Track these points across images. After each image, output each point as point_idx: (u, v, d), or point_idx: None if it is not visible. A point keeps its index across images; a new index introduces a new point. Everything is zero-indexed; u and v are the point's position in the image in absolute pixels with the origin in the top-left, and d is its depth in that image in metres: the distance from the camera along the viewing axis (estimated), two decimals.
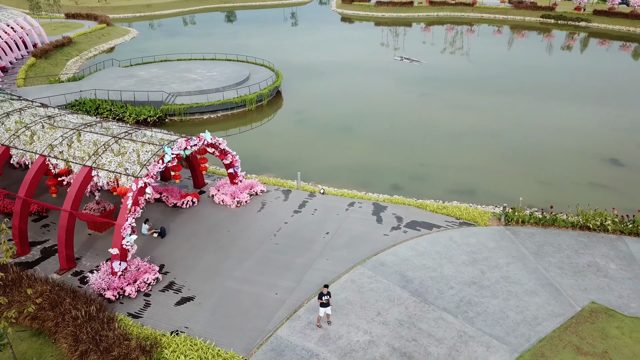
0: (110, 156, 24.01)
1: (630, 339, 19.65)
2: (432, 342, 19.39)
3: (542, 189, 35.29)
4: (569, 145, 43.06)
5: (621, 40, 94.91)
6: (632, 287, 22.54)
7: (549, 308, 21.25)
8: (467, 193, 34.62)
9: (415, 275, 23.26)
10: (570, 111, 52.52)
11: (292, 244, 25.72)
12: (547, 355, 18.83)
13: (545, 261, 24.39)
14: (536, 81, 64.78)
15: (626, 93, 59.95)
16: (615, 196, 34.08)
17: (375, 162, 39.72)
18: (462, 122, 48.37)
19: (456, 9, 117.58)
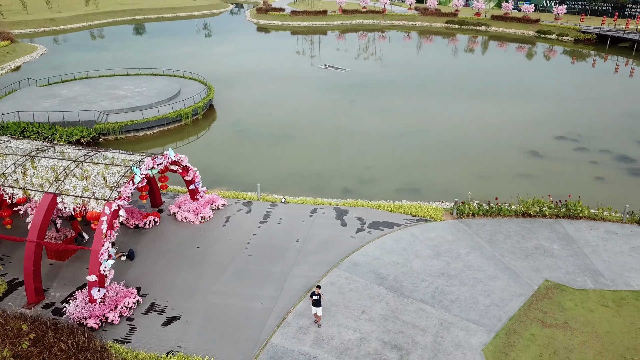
0: (73, 181, 23.25)
1: (583, 309, 22.35)
2: (418, 332, 20.86)
3: (478, 183, 38.32)
4: (492, 141, 46.99)
5: (517, 42, 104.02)
6: (575, 264, 25.50)
7: (511, 289, 23.56)
8: (413, 191, 36.82)
9: (388, 272, 24.72)
10: (486, 108, 57.16)
11: (265, 254, 26.25)
12: (518, 332, 20.96)
13: (499, 248, 26.87)
14: (449, 82, 69.66)
15: (528, 90, 66.13)
16: (541, 184, 37.81)
17: (321, 168, 40.98)
18: (394, 125, 51.06)
19: (368, 16, 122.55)
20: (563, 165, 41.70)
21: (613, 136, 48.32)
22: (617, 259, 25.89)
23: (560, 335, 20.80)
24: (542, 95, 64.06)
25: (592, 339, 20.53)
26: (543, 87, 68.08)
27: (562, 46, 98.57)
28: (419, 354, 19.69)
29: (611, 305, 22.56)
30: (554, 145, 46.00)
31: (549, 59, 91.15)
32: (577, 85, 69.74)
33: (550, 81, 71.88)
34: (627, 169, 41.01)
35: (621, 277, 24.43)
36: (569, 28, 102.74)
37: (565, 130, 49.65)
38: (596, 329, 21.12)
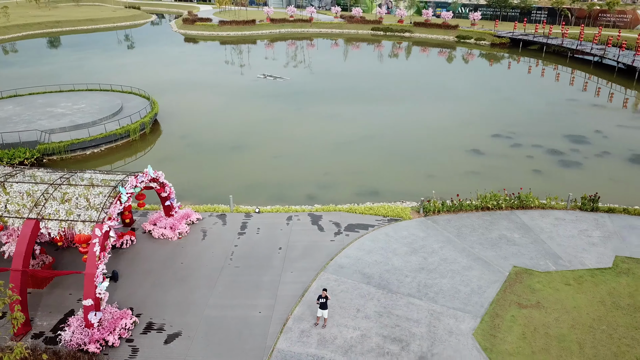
0: (54, 205, 22.62)
1: (550, 289, 24.87)
2: (412, 324, 22.34)
3: (430, 182, 40.62)
4: (435, 142, 49.92)
5: (439, 47, 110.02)
6: (536, 249, 28.18)
7: (486, 277, 25.70)
8: (373, 194, 38.44)
9: (373, 271, 26.07)
10: (422, 111, 60.45)
11: (252, 264, 26.72)
12: (500, 314, 23.02)
13: (467, 240, 29.06)
14: (384, 87, 72.79)
15: (457, 92, 70.57)
16: (487, 180, 40.81)
17: (281, 176, 41.70)
18: (341, 131, 52.76)
19: (296, 25, 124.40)
20: (503, 161, 45.21)
21: (541, 132, 52.87)
22: (570, 242, 28.88)
23: (536, 314, 23.08)
24: (470, 96, 68.57)
25: (564, 315, 22.98)
26: (469, 89, 72.83)
27: (480, 50, 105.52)
28: (417, 344, 21.14)
29: (573, 283, 25.27)
30: (492, 143, 49.65)
31: (467, 62, 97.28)
32: (499, 86, 75.21)
33: (473, 83, 76.97)
34: (558, 161, 45.19)
35: (576, 258, 27.34)
36: (485, 33, 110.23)
37: (499, 129, 53.66)
38: (565, 305, 23.63)
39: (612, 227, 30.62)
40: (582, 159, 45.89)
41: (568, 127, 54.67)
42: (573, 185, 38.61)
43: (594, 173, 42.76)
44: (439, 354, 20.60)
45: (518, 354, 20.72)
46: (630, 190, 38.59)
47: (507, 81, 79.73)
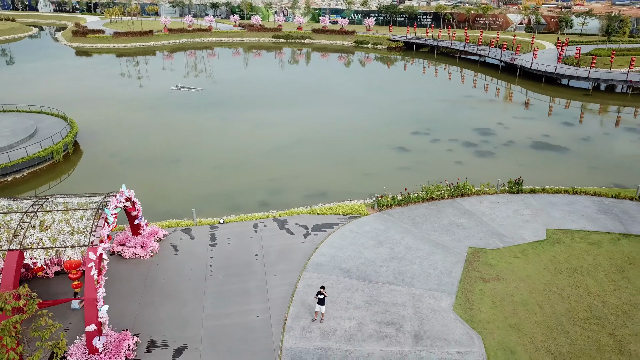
0: (35, 233, 21.78)
1: (504, 262, 28.48)
2: (399, 308, 24.58)
3: (367, 179, 43.46)
4: (362, 142, 53.12)
5: (340, 52, 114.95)
6: (482, 230, 31.86)
7: (449, 260, 28.72)
8: (321, 195, 40.38)
9: (350, 266, 27.98)
10: (342, 113, 63.67)
11: (233, 272, 27.36)
12: (470, 290, 26.06)
13: (423, 229, 32.03)
14: (299, 91, 75.27)
15: (365, 93, 75.00)
16: (418, 173, 44.50)
17: (228, 185, 42.18)
18: (272, 137, 54.12)
19: (195, 34, 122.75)
20: (428, 156, 49.45)
21: (452, 127, 58.27)
22: (508, 222, 33.00)
23: (499, 285, 26.44)
24: (378, 97, 73.19)
25: (520, 283, 26.58)
26: (376, 90, 77.59)
27: (378, 53, 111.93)
28: (409, 325, 23.41)
29: (520, 256, 29.13)
30: (414, 140, 53.89)
31: (368, 65, 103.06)
32: (403, 86, 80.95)
33: (379, 84, 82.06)
34: (474, 152, 50.38)
35: (517, 235, 31.39)
36: (380, 37, 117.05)
37: (416, 127, 58.24)
38: (519, 275, 27.28)
39: (537, 205, 35.38)
40: (492, 148, 51.53)
41: (473, 121, 60.75)
42: (491, 172, 43.41)
43: (506, 160, 48.36)
44: (430, 330, 23.02)
45: (494, 320, 23.77)
46: (538, 173, 44.29)
47: (409, 82, 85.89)
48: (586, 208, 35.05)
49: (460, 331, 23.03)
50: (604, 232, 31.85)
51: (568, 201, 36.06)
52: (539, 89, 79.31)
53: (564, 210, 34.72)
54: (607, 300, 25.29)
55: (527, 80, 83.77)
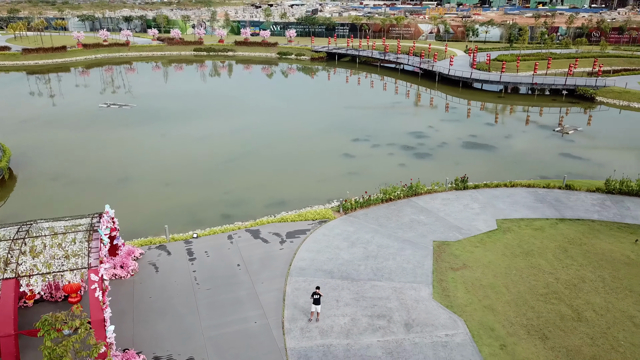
0: (28, 260, 21.30)
1: (467, 252, 31.38)
2: (385, 302, 26.51)
3: (324, 185, 45.34)
4: (308, 149, 54.93)
5: (264, 64, 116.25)
6: (441, 225, 34.72)
7: (419, 254, 31.16)
8: (281, 204, 41.53)
9: (330, 267, 29.54)
10: (278, 122, 65.18)
11: (221, 283, 27.92)
12: (443, 279, 28.57)
13: (389, 228, 34.32)
14: (227, 102, 75.81)
15: (298, 102, 77.12)
16: (368, 177, 47.00)
17: (183, 201, 42.09)
18: (217, 150, 54.49)
19: (112, 49, 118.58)
20: (372, 160, 52.19)
21: (388, 132, 61.62)
22: (461, 216, 36.17)
23: (467, 273, 29.21)
24: (312, 105, 75.52)
25: (485, 269, 29.53)
26: (308, 99, 79.93)
27: (302, 64, 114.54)
28: (398, 315, 25.39)
29: (479, 245, 32.22)
30: (356, 147, 56.50)
31: (291, 75, 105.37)
32: (333, 94, 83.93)
33: (309, 93, 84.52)
34: (413, 154, 53.88)
35: (472, 227, 34.57)
36: (303, 48, 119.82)
37: (355, 134, 60.95)
38: (482, 262, 30.26)
39: (483, 199, 39.00)
40: (429, 150, 55.38)
41: (406, 126, 64.63)
42: (432, 172, 46.80)
43: (443, 160, 52.23)
44: (417, 319, 25.13)
45: (470, 303, 26.38)
46: (474, 169, 48.34)
47: (337, 90, 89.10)
48: (524, 199, 39.17)
49: (444, 316, 25.34)
50: (543, 219, 35.90)
51: (508, 194, 40.06)
52: (457, 93, 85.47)
53: (506, 201, 38.57)
54: (559, 276, 28.84)
55: (445, 85, 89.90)
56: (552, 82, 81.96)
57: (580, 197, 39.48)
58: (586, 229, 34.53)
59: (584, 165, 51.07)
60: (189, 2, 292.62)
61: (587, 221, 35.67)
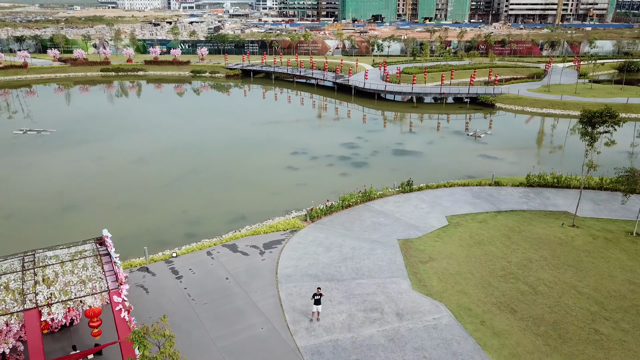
0: (43, 289, 21.27)
1: (429, 247, 35.02)
2: (373, 296, 29.16)
3: (277, 198, 47.16)
4: (250, 164, 56.43)
5: (178, 82, 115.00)
6: (400, 225, 38.17)
7: (389, 252, 34.24)
8: (242, 219, 42.76)
9: (315, 271, 31.65)
10: (209, 139, 65.99)
11: (216, 297, 28.89)
12: (416, 272, 31.85)
13: (355, 231, 37.12)
14: (150, 123, 74.98)
15: (222, 119, 78.17)
16: (314, 187, 49.52)
17: (143, 223, 41.86)
18: (158, 171, 54.20)
19: (8, 72, 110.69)
20: (315, 171, 54.90)
21: (321, 145, 64.79)
22: (415, 215, 39.96)
23: (434, 264, 32.77)
24: (239, 122, 76.92)
25: (449, 260, 33.28)
26: (232, 116, 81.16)
27: (218, 81, 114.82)
28: (388, 307, 28.15)
29: (438, 240, 36.06)
30: (297, 160, 58.89)
31: (209, 93, 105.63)
32: (256, 110, 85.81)
33: (231, 110, 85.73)
34: (351, 163, 57.42)
35: (427, 224, 38.41)
36: (217, 66, 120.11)
37: (292, 148, 63.37)
38: (445, 254, 34.02)
39: (429, 199, 43.20)
40: (364, 159, 59.28)
41: (336, 138, 68.24)
42: (373, 178, 50.30)
43: (379, 166, 56.31)
44: (406, 308, 28.05)
45: (445, 290, 29.84)
46: (409, 174, 52.73)
47: (258, 106, 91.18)
48: (464, 196, 43.97)
49: (427, 303, 28.51)
50: (484, 212, 40.74)
51: (449, 193, 44.68)
52: (374, 105, 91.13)
53: (449, 200, 43.08)
54: (510, 259, 33.34)
55: (361, 98, 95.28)
56: (457, 91, 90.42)
57: (508, 192, 45.10)
58: (520, 218, 39.81)
59: (499, 163, 57.73)
60: (78, 20, 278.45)
61: (519, 211, 41.06)
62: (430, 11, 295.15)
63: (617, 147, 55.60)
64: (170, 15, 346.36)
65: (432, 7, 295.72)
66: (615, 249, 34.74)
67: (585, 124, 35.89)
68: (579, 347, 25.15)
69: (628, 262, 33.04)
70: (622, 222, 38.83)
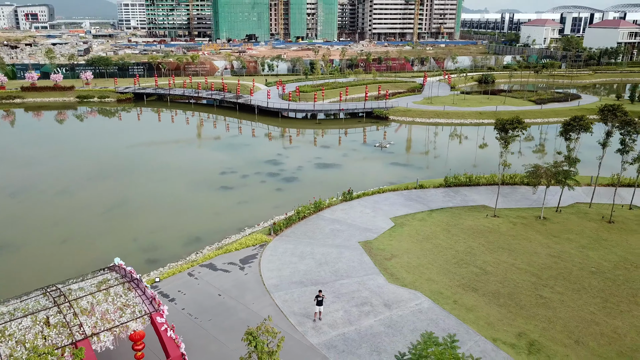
0: (85, 320, 21.70)
1: (388, 245, 39.37)
2: (358, 292, 32.62)
3: (222, 217, 48.64)
4: (184, 187, 56.86)
5: (62, 109, 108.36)
6: (355, 229, 42.02)
7: (356, 254, 37.91)
8: (197, 240, 43.69)
9: (298, 279, 34.28)
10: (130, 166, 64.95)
11: (217, 312, 30.22)
12: (386, 267, 35.95)
13: (319, 239, 40.28)
14: (49, 151, 71.46)
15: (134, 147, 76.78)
16: (256, 204, 51.89)
17: (95, 253, 40.85)
18: (89, 199, 52.49)
19: None
20: (251, 189, 56.94)
21: (246, 163, 66.86)
22: (364, 219, 44.19)
23: (397, 260, 37.19)
24: (147, 145, 75.97)
25: (409, 255, 37.93)
26: (136, 139, 79.71)
27: (109, 106, 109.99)
28: (375, 300, 31.83)
29: (391, 239, 40.61)
30: (229, 179, 60.31)
31: (99, 119, 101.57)
32: (159, 133, 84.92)
33: (134, 134, 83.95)
34: (282, 179, 60.36)
35: (377, 226, 42.83)
36: (105, 90, 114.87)
37: (218, 168, 64.51)
38: (402, 250, 38.62)
39: (370, 205, 47.81)
40: (292, 174, 62.61)
41: (257, 155, 70.78)
42: (307, 191, 53.89)
43: (308, 180, 60.03)
44: (390, 299, 31.93)
45: (416, 280, 34.31)
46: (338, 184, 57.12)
47: (161, 129, 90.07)
48: (398, 200, 49.30)
49: (406, 293, 32.70)
50: (420, 212, 46.30)
51: (384, 198, 49.75)
52: (278, 123, 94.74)
53: (387, 204, 48.09)
54: (457, 249, 38.94)
55: (264, 116, 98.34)
56: (354, 107, 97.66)
57: (432, 193, 51.44)
58: (450, 214, 46.00)
59: (409, 169, 64.67)
60: None
61: (447, 208, 47.32)
62: (301, 30, 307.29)
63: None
64: (24, 36, 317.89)
65: (303, 26, 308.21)
66: (532, 231, 42.12)
67: (500, 130, 43.10)
68: (533, 310, 30.98)
69: (544, 240, 40.42)
70: (530, 209, 46.83)
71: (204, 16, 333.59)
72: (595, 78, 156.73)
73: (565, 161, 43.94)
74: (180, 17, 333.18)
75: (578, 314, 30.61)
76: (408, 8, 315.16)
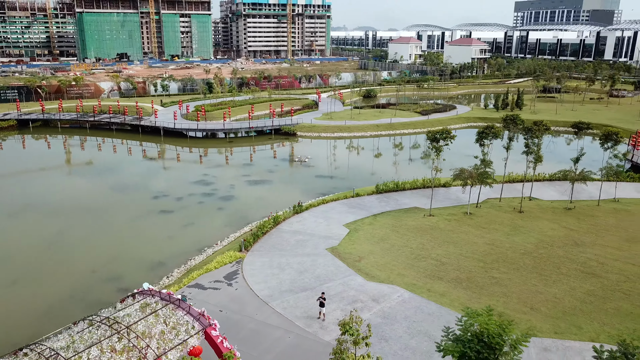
0: (149, 342, 22.75)
1: (353, 249, 43.31)
2: (347, 293, 36.14)
3: (178, 240, 49.08)
4: (122, 215, 55.70)
5: None
6: (317, 238, 45.34)
7: (329, 259, 41.23)
8: (160, 265, 43.95)
9: (288, 287, 36.82)
10: (33, 202, 61.75)
11: (226, 327, 31.02)
12: (360, 268, 39.84)
13: (288, 250, 42.96)
14: None
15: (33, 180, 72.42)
16: (204, 224, 52.87)
17: (54, 293, 39.51)
18: (33, 235, 49.54)
19: None
20: (191, 210, 57.41)
21: (168, 186, 66.68)
22: (320, 228, 47.66)
23: (366, 261, 41.33)
24: (52, 176, 72.13)
25: (374, 255, 42.24)
26: (35, 172, 75.13)
27: None
28: (362, 297, 35.61)
29: (353, 243, 44.62)
30: (163, 203, 59.89)
31: None
32: (61, 163, 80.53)
33: (32, 166, 78.81)
34: (219, 198, 61.48)
35: (335, 234, 46.51)
36: None
37: (148, 193, 63.63)
38: (366, 252, 42.84)
39: (321, 214, 51.46)
40: (227, 193, 63.99)
41: (183, 177, 70.82)
42: (250, 207, 56.32)
43: (246, 196, 62.00)
44: (375, 295, 35.88)
45: (389, 276, 38.70)
46: (278, 200, 59.98)
47: (71, 157, 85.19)
48: (342, 208, 53.56)
49: (386, 288, 36.93)
50: (365, 217, 50.98)
51: (330, 207, 53.74)
52: (187, 143, 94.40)
53: (334, 212, 52.12)
54: (411, 246, 44.15)
55: (171, 137, 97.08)
56: (263, 124, 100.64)
57: (368, 199, 56.60)
58: (392, 216, 51.41)
59: (334, 180, 69.56)
60: None
61: (387, 212, 52.69)
62: (176, 49, 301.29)
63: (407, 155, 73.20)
64: None
65: (177, 44, 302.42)
66: (465, 225, 48.97)
67: (432, 140, 49.54)
68: (490, 289, 37.01)
69: (477, 232, 47.37)
70: (457, 207, 53.99)
71: (66, 34, 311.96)
72: (459, 90, 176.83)
73: (482, 164, 51.68)
74: (37, 34, 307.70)
75: (525, 287, 37.23)
76: (281, 26, 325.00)
